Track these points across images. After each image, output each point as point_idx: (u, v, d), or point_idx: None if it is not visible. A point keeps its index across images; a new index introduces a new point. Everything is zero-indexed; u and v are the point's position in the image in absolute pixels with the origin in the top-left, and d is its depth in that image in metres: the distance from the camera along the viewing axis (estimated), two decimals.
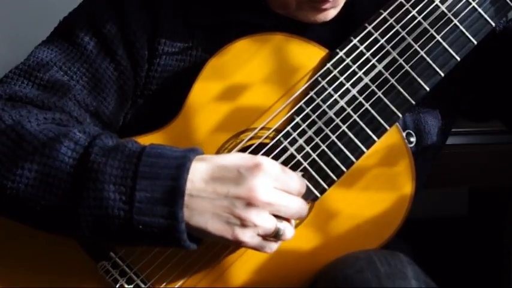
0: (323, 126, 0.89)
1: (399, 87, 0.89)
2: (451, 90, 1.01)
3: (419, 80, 0.89)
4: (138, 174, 0.80)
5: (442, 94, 0.96)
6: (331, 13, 0.96)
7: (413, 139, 0.98)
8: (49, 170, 0.82)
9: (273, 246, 0.84)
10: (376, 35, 0.89)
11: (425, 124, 1.01)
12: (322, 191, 0.89)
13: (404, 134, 0.96)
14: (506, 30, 1.02)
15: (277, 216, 0.82)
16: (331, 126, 0.89)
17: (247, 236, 0.81)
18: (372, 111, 0.89)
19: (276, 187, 0.82)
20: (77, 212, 0.81)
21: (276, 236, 0.82)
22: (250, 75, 0.91)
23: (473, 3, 0.88)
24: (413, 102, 0.89)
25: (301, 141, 0.89)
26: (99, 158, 0.81)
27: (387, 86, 0.89)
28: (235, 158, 0.82)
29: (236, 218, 0.80)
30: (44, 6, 1.65)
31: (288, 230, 0.83)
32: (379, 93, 0.89)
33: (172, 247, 0.85)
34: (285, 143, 0.89)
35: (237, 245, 0.83)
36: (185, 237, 0.80)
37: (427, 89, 0.89)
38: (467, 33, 0.89)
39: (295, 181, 0.84)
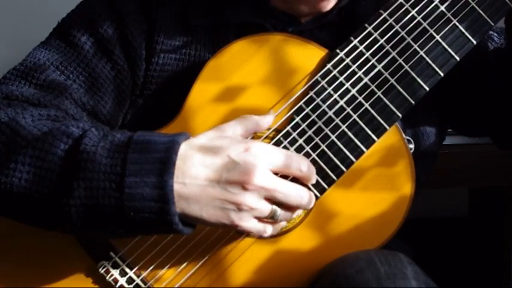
0: (323, 126, 0.89)
1: (399, 87, 0.89)
2: (441, 101, 1.01)
3: (418, 79, 0.89)
4: (127, 161, 0.79)
5: (437, 103, 0.97)
6: (330, 2, 0.97)
7: (411, 146, 0.98)
8: (41, 163, 0.82)
9: (270, 229, 0.84)
10: (375, 35, 0.90)
11: (423, 131, 1.01)
12: (322, 190, 0.89)
13: None
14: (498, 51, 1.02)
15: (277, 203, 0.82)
16: (331, 126, 0.89)
17: (243, 219, 0.80)
18: (372, 111, 0.89)
19: (272, 169, 0.81)
20: (68, 203, 0.80)
21: (273, 217, 0.82)
22: (249, 75, 0.91)
23: (473, 3, 0.88)
24: (413, 102, 0.89)
25: (301, 141, 0.89)
26: (89, 148, 0.81)
27: (387, 85, 0.89)
28: (224, 142, 0.82)
29: (231, 203, 0.80)
30: (43, 7, 1.65)
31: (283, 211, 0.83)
32: (379, 93, 0.89)
33: (166, 233, 0.85)
34: (285, 142, 0.89)
35: (234, 229, 0.83)
36: (177, 220, 0.80)
37: (427, 88, 0.89)
38: (466, 33, 0.89)
39: (295, 160, 0.83)
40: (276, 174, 0.82)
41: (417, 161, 0.92)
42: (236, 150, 0.80)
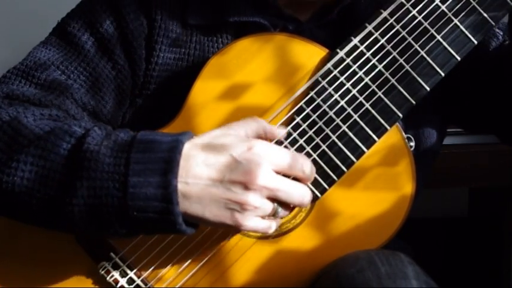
0: (323, 126, 0.89)
1: (399, 87, 0.89)
2: (442, 100, 1.01)
3: (419, 79, 0.89)
4: (131, 161, 0.79)
5: (437, 102, 0.97)
6: None
7: (412, 144, 0.98)
8: (44, 163, 0.82)
9: (273, 226, 0.84)
10: (376, 34, 0.89)
11: (424, 130, 1.01)
12: (323, 190, 0.89)
13: None
14: (502, 49, 1.02)
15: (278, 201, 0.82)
16: (332, 126, 0.89)
17: (247, 219, 0.80)
18: (372, 111, 0.89)
19: (275, 169, 0.81)
20: (71, 203, 0.80)
21: (274, 215, 0.82)
22: (251, 74, 0.91)
23: (473, 3, 0.88)
24: (414, 102, 0.89)
25: (301, 141, 0.89)
26: (92, 147, 0.81)
27: (387, 86, 0.89)
28: (228, 141, 0.81)
29: (234, 203, 0.80)
30: (43, 6, 1.65)
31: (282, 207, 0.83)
32: (380, 93, 0.89)
33: (169, 232, 0.85)
34: (286, 143, 0.89)
35: (237, 229, 0.82)
36: (180, 220, 0.79)
37: (428, 88, 0.89)
38: (467, 33, 0.89)
39: (299, 162, 0.83)
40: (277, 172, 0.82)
41: (417, 159, 0.92)
42: (239, 149, 0.80)
